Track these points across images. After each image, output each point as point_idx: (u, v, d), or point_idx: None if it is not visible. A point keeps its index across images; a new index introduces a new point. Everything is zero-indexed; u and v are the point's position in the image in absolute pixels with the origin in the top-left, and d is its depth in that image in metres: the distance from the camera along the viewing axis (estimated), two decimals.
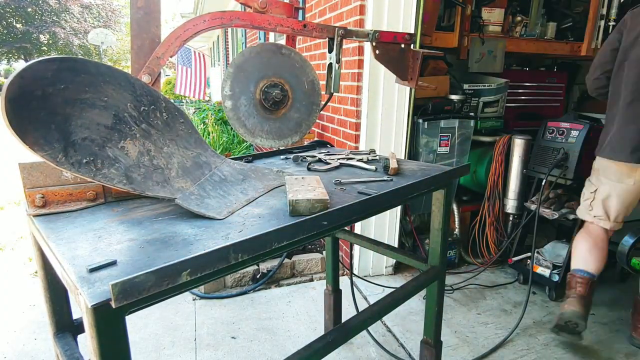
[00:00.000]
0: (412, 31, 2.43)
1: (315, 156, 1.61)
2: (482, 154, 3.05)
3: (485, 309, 2.46)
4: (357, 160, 1.56)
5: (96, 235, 0.89)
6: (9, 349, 2.09)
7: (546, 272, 2.48)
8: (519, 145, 2.80)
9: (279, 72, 1.42)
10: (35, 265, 2.71)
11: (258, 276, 2.70)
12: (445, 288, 1.88)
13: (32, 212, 0.99)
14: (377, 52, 1.47)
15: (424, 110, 2.74)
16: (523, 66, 3.74)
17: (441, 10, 2.91)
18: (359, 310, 1.97)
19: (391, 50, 1.48)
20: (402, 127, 2.64)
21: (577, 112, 2.94)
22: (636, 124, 1.84)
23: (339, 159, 1.58)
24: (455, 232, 3.00)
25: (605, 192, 2.00)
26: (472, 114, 2.95)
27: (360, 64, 2.55)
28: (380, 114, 2.56)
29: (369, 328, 2.14)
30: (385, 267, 2.88)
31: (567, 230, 2.61)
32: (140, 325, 2.27)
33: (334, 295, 2.05)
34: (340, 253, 2.92)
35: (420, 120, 2.73)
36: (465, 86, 2.95)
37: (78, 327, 1.21)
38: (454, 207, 2.99)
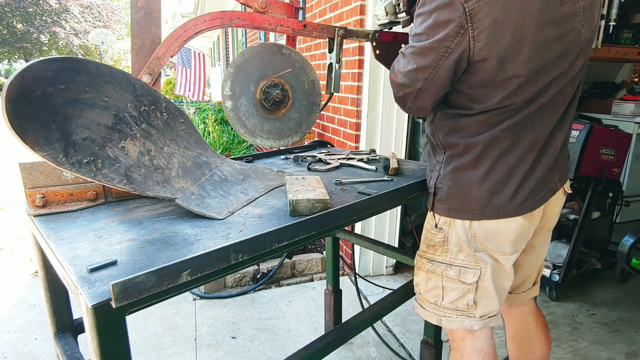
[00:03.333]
0: None
1: (315, 156, 1.61)
2: None
3: None
4: (358, 160, 1.56)
5: (96, 235, 0.89)
6: (9, 349, 2.09)
7: (546, 272, 2.48)
8: None
9: (279, 72, 1.42)
10: (35, 265, 2.72)
11: (258, 276, 2.70)
12: None
13: (32, 212, 0.99)
14: (378, 52, 1.47)
15: None
16: None
17: None
18: (361, 310, 1.97)
19: (392, 50, 1.48)
20: (402, 127, 2.64)
21: (577, 112, 2.94)
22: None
23: (339, 159, 1.58)
24: None
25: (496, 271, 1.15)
26: None
27: (360, 64, 2.55)
28: (380, 114, 2.56)
29: (369, 328, 2.14)
30: (386, 267, 2.88)
31: (567, 230, 2.61)
32: (140, 325, 2.27)
33: (334, 295, 2.05)
34: (340, 253, 2.92)
35: (421, 120, 2.72)
36: None
37: (78, 327, 1.21)
38: None
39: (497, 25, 0.91)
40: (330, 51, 1.44)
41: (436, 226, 1.16)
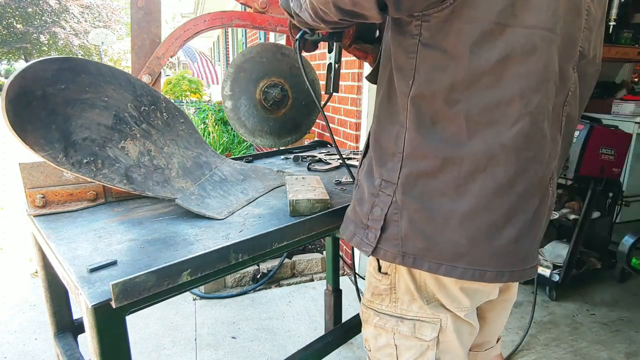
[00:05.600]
0: None
1: (315, 156, 1.61)
2: None
3: None
4: (358, 160, 1.56)
5: (96, 235, 0.89)
6: (9, 349, 2.09)
7: (546, 272, 2.48)
8: None
9: (279, 72, 1.42)
10: (35, 265, 2.71)
11: (258, 276, 2.70)
12: None
13: (32, 212, 0.99)
14: None
15: None
16: None
17: None
18: None
19: None
20: None
21: None
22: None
23: (339, 159, 1.58)
24: None
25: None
26: None
27: (360, 64, 2.55)
28: None
29: None
30: None
31: (567, 230, 2.62)
32: (140, 325, 2.27)
33: (334, 295, 2.05)
34: (340, 253, 2.92)
35: None
36: None
37: (78, 327, 1.21)
38: None
39: None
40: (330, 51, 1.44)
41: (380, 270, 0.88)
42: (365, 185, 0.84)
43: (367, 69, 2.49)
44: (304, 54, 1.25)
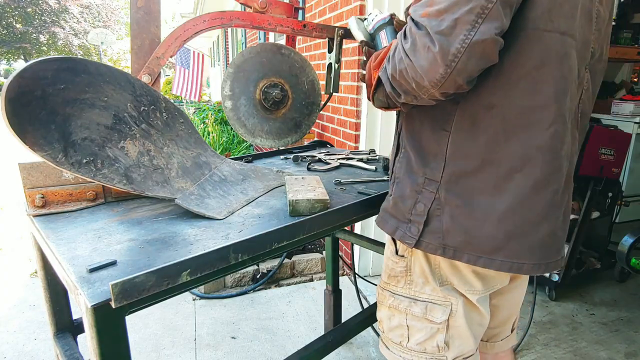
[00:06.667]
0: None
1: (315, 156, 1.61)
2: None
3: None
4: (357, 160, 1.56)
5: (96, 236, 0.89)
6: (9, 349, 2.09)
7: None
8: None
9: (279, 72, 1.42)
10: (35, 265, 2.71)
11: (258, 276, 2.70)
12: None
13: (32, 212, 0.99)
14: None
15: None
16: None
17: None
18: (360, 310, 1.97)
19: None
20: None
21: None
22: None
23: (338, 159, 1.58)
24: None
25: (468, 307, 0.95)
26: None
27: (360, 64, 2.55)
28: (380, 113, 2.56)
29: (368, 328, 2.14)
30: None
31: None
32: (140, 326, 2.27)
33: (334, 295, 2.05)
34: (340, 253, 2.92)
35: None
36: None
37: (78, 327, 1.21)
38: None
39: None
40: (330, 51, 1.44)
41: (397, 253, 0.95)
42: (407, 183, 0.89)
43: None
44: (305, 53, 1.25)
